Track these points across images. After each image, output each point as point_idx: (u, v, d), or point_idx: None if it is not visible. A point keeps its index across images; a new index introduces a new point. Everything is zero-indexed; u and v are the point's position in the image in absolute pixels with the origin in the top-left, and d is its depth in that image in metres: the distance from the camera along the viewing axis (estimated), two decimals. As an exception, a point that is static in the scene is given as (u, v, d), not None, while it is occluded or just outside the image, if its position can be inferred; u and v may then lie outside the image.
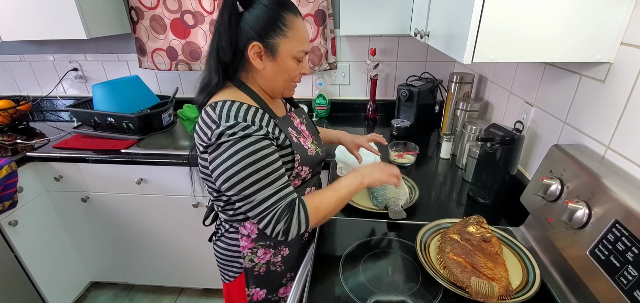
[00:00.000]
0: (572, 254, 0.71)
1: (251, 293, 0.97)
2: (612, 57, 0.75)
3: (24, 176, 1.49)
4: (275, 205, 0.75)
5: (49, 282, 1.66)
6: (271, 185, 0.74)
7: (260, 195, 0.74)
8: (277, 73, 0.81)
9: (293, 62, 0.81)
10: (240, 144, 0.72)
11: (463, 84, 1.43)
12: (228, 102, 0.77)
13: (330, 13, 1.68)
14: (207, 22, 1.73)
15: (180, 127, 1.82)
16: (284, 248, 0.94)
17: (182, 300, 1.93)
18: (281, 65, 0.80)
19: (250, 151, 0.72)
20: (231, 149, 0.72)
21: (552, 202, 0.79)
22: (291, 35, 0.78)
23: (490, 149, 1.00)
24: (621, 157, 0.73)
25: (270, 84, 0.84)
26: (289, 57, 0.80)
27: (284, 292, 1.01)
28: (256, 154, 0.73)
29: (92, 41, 1.87)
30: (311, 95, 1.93)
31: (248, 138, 0.73)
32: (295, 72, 0.83)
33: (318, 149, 0.93)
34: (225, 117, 0.74)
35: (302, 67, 0.84)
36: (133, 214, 1.64)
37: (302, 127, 0.94)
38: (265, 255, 0.93)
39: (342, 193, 0.83)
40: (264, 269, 0.94)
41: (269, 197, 0.74)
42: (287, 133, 0.83)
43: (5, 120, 1.80)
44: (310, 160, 0.88)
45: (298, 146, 0.84)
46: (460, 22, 0.79)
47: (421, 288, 0.75)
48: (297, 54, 0.80)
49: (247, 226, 0.89)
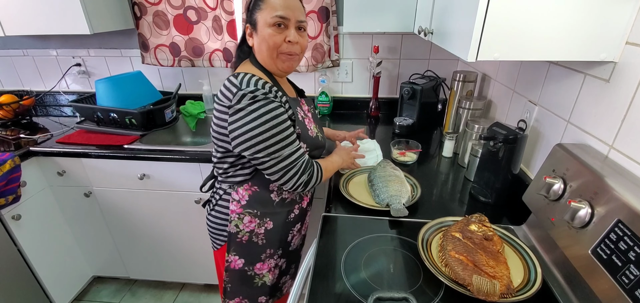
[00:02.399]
0: (574, 253, 0.71)
1: (230, 260, 1.03)
2: (616, 57, 0.75)
3: (27, 171, 1.49)
4: (299, 159, 0.89)
5: (51, 276, 1.67)
6: (293, 144, 0.88)
7: (286, 151, 0.86)
8: (260, 44, 0.90)
9: (269, 29, 0.87)
10: (262, 108, 0.82)
11: (466, 82, 1.43)
12: (249, 74, 0.86)
13: (334, 10, 1.67)
14: (210, 18, 1.73)
15: (182, 123, 1.82)
16: (268, 221, 1.01)
17: (184, 295, 1.94)
18: (261, 35, 0.88)
19: (272, 114, 0.83)
20: (255, 111, 0.82)
21: (555, 201, 0.79)
22: (265, 6, 0.86)
23: (493, 148, 1.00)
24: (625, 156, 0.73)
25: (261, 57, 0.92)
26: (265, 26, 0.87)
27: (261, 268, 1.05)
28: (277, 118, 0.83)
29: (95, 36, 1.88)
30: (314, 93, 1.93)
31: (270, 103, 0.83)
32: (274, 39, 0.88)
33: (319, 134, 1.02)
34: (247, 84, 0.83)
35: (286, 35, 0.89)
36: (135, 209, 1.65)
37: (309, 113, 1.02)
38: (250, 224, 0.99)
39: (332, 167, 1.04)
40: (246, 238, 1.00)
41: (293, 153, 0.88)
42: (295, 110, 0.93)
43: (8, 114, 1.81)
44: (310, 140, 0.97)
45: (301, 123, 0.94)
46: (465, 19, 0.79)
47: (423, 286, 0.75)
48: (272, 19, 0.86)
49: (239, 191, 0.97)
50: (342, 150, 1.13)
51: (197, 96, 1.93)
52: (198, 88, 1.93)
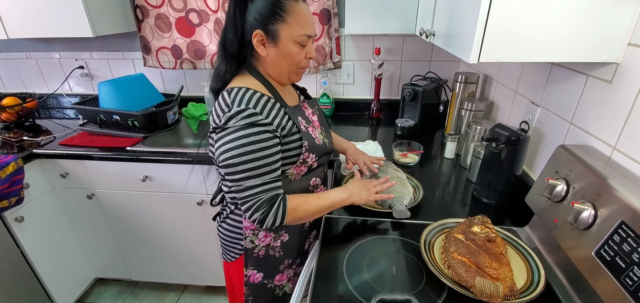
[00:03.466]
0: (577, 255, 0.71)
1: (249, 274, 1.01)
2: (619, 58, 0.75)
3: (30, 173, 1.50)
4: (258, 195, 0.80)
5: (54, 278, 1.67)
6: (260, 177, 0.79)
7: (247, 183, 0.79)
8: (280, 58, 0.84)
9: (295, 47, 0.83)
10: (242, 131, 0.77)
11: (468, 83, 1.43)
12: (243, 88, 0.81)
13: (335, 12, 1.68)
14: (212, 21, 1.73)
15: (184, 125, 1.82)
16: (284, 233, 0.98)
17: (186, 296, 1.94)
18: (283, 51, 0.82)
19: (249, 140, 0.77)
20: (234, 134, 0.77)
21: (558, 203, 0.79)
22: (291, 20, 0.80)
23: (495, 149, 1.00)
24: (628, 158, 0.73)
25: (276, 70, 0.87)
26: (290, 42, 0.82)
27: (280, 279, 1.04)
28: (254, 145, 0.77)
29: (98, 39, 1.88)
30: (315, 94, 1.93)
31: (251, 127, 0.77)
32: (299, 57, 0.85)
33: (326, 140, 0.96)
34: (238, 102, 0.78)
35: (307, 51, 0.86)
36: (138, 211, 1.65)
37: (314, 117, 0.98)
38: (265, 238, 0.96)
39: (324, 203, 0.89)
40: (263, 252, 0.98)
41: (254, 186, 0.79)
42: (296, 121, 0.87)
43: (11, 117, 1.81)
44: (317, 149, 0.91)
45: (306, 134, 0.88)
46: (467, 21, 0.79)
47: (425, 288, 0.75)
48: (299, 38, 0.82)
49: None
50: (356, 184, 0.95)
51: (199, 98, 1.94)
52: (200, 90, 1.94)
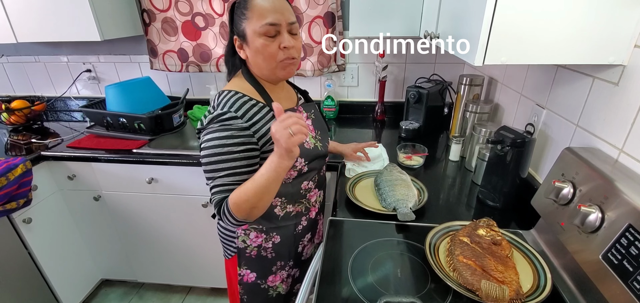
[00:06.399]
0: (584, 258, 0.70)
1: (242, 274, 1.02)
2: (625, 60, 0.74)
3: (38, 175, 1.52)
4: (216, 195, 0.82)
5: (61, 279, 1.69)
6: (222, 177, 0.81)
7: (212, 183, 0.83)
8: (255, 56, 0.85)
9: (260, 39, 0.81)
10: (216, 134, 0.80)
11: (473, 85, 1.43)
12: (232, 92, 0.84)
13: (340, 15, 1.68)
14: (217, 25, 1.75)
15: (190, 128, 1.84)
16: (275, 235, 0.99)
17: (190, 298, 1.95)
18: (253, 47, 0.83)
19: (219, 143, 0.79)
20: (209, 135, 0.80)
21: (564, 206, 0.78)
22: (251, 14, 0.80)
23: (500, 152, 1.00)
24: (635, 160, 0.72)
25: (259, 69, 0.87)
26: (255, 36, 0.82)
27: (273, 280, 1.05)
28: (223, 148, 0.79)
29: (105, 43, 1.90)
30: (320, 97, 1.93)
31: (225, 131, 0.79)
32: (270, 49, 0.82)
33: (318, 144, 0.96)
34: (222, 105, 0.83)
35: (280, 41, 0.82)
36: (143, 213, 1.66)
37: (308, 121, 0.97)
38: (256, 239, 0.98)
39: (260, 181, 0.77)
40: (255, 253, 0.99)
41: (216, 186, 0.82)
42: None
43: (20, 119, 1.84)
44: (306, 153, 0.91)
45: None
46: (472, 23, 0.79)
47: (430, 291, 0.74)
48: (261, 29, 0.80)
49: None
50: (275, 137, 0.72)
51: (204, 101, 1.95)
52: (205, 93, 1.95)
